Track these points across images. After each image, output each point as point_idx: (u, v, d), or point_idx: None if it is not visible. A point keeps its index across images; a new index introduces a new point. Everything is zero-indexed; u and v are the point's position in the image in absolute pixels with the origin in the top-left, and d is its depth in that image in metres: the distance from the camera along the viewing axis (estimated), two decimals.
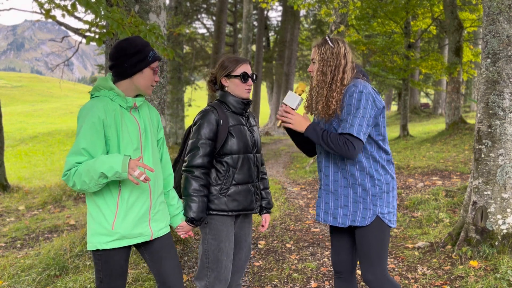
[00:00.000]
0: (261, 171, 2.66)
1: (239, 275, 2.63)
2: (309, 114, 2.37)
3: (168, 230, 2.26)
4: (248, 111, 2.56)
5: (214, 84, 2.56)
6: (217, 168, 2.42)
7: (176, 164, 2.57)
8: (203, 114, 2.41)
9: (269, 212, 2.70)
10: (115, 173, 1.89)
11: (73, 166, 1.95)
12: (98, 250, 2.06)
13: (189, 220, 2.33)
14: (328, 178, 2.30)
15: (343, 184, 2.25)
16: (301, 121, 2.24)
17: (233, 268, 2.59)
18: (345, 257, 2.40)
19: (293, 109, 2.27)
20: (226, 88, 2.48)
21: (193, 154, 2.37)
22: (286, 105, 2.27)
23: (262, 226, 2.70)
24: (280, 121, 2.29)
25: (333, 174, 2.28)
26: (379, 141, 2.21)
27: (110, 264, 2.07)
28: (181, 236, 2.42)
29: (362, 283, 3.57)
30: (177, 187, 2.48)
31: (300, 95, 2.31)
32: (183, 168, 2.40)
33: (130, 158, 1.93)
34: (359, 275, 3.62)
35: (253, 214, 2.75)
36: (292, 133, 2.43)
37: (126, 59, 2.05)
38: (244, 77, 2.45)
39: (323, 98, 2.21)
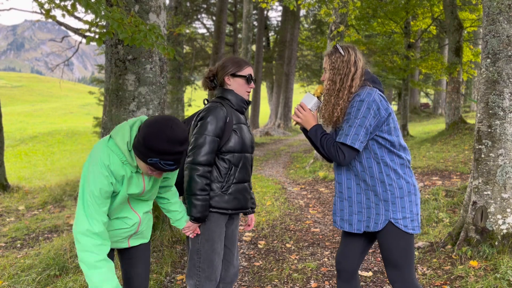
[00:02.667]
0: None
1: (236, 275, 2.64)
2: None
3: (146, 241, 2.29)
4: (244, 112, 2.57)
5: (211, 82, 2.53)
6: (218, 165, 2.38)
7: None
8: (212, 110, 2.36)
9: (254, 212, 2.72)
10: None
11: (92, 234, 1.88)
12: None
13: (194, 219, 2.33)
14: (341, 186, 2.31)
15: (356, 191, 2.26)
16: (310, 119, 2.26)
17: (231, 269, 2.59)
18: (350, 261, 2.40)
19: (310, 110, 2.30)
20: (228, 86, 2.47)
21: (199, 150, 2.31)
22: (303, 106, 2.29)
23: (248, 225, 2.71)
24: (295, 121, 2.32)
25: (345, 181, 2.29)
26: (388, 146, 2.20)
27: None
28: (190, 235, 2.41)
29: (362, 283, 3.58)
30: (177, 182, 2.45)
31: (318, 97, 2.32)
32: (186, 164, 2.35)
33: None
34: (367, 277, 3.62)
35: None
36: (309, 137, 2.43)
37: (139, 137, 1.88)
38: (249, 78, 2.47)
39: (330, 106, 2.22)
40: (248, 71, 2.47)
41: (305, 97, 2.32)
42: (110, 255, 2.14)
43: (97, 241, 1.88)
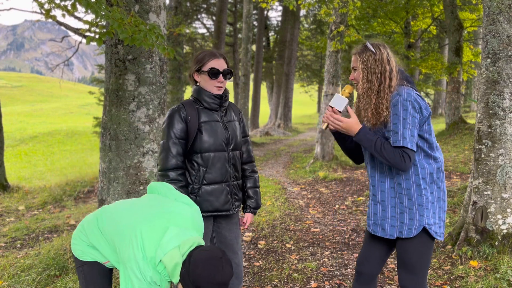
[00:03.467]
0: (246, 169, 2.54)
1: (239, 281, 2.51)
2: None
3: None
4: (225, 105, 2.41)
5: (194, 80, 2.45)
6: (187, 167, 2.32)
7: None
8: (170, 114, 2.30)
9: (253, 212, 2.55)
10: None
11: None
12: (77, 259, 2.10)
13: None
14: (375, 188, 2.25)
15: (390, 195, 2.19)
16: (353, 125, 2.16)
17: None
18: (372, 264, 2.34)
19: (339, 111, 2.22)
20: (198, 84, 2.38)
21: (165, 156, 2.26)
22: (333, 107, 2.22)
23: (244, 223, 2.53)
24: (326, 124, 2.23)
25: (379, 184, 2.23)
26: (425, 148, 2.14)
27: (93, 274, 2.09)
28: None
29: None
30: None
31: (347, 97, 2.25)
32: (158, 172, 2.30)
33: None
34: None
35: (241, 213, 2.66)
36: (339, 138, 2.34)
37: (189, 277, 1.73)
38: (211, 73, 2.31)
39: (372, 106, 2.15)
40: (211, 64, 2.31)
41: (335, 99, 2.23)
42: (108, 275, 2.11)
43: None
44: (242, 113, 2.59)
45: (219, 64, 2.33)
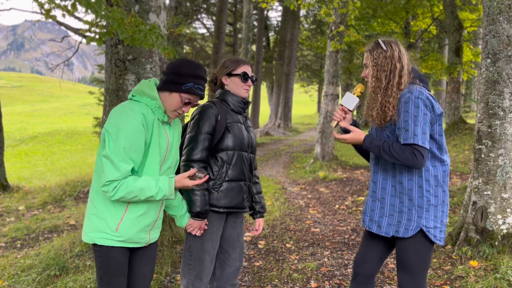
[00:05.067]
0: (254, 175, 2.68)
1: (234, 275, 2.62)
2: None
3: (158, 235, 2.27)
4: (246, 111, 2.59)
5: (215, 84, 2.61)
6: (211, 162, 2.44)
7: None
8: (202, 109, 2.43)
9: (262, 217, 2.73)
10: (163, 196, 1.97)
11: (121, 179, 1.91)
12: (96, 245, 2.05)
13: (195, 215, 2.33)
14: (376, 185, 2.24)
15: (390, 193, 2.18)
16: (358, 136, 2.16)
17: (227, 269, 2.58)
18: (369, 264, 2.33)
19: (350, 110, 2.25)
20: (226, 87, 2.53)
21: (191, 148, 2.38)
22: (343, 106, 2.25)
23: (256, 230, 2.71)
24: (336, 121, 2.27)
25: (381, 181, 2.21)
26: (434, 149, 2.11)
27: (110, 260, 2.06)
28: (197, 233, 2.39)
29: None
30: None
31: (358, 96, 2.26)
32: (182, 163, 2.40)
33: (173, 177, 1.99)
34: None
35: (245, 215, 2.73)
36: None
37: (168, 73, 2.07)
38: (244, 76, 2.50)
39: (378, 104, 2.13)
40: (243, 69, 2.51)
41: (346, 97, 2.25)
42: (122, 256, 2.10)
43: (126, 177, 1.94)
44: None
45: (248, 69, 2.55)
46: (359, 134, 2.17)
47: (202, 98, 2.12)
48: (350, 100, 2.24)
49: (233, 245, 2.58)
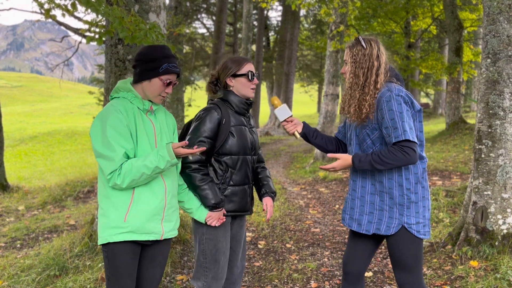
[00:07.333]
0: (258, 166, 2.66)
1: (241, 276, 2.63)
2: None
3: (175, 233, 2.27)
4: (250, 112, 2.56)
5: (215, 86, 2.54)
6: (215, 167, 2.41)
7: None
8: (206, 112, 2.39)
9: (271, 196, 2.58)
10: (167, 162, 2.00)
11: (118, 166, 1.99)
12: (107, 244, 2.07)
13: (212, 207, 2.34)
14: (355, 183, 2.25)
15: (370, 191, 2.20)
16: (345, 161, 2.15)
17: (235, 270, 2.59)
18: (357, 262, 2.35)
19: (284, 120, 2.40)
20: (230, 88, 2.47)
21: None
22: (282, 119, 2.42)
23: (264, 210, 2.55)
24: (294, 133, 2.41)
25: (361, 180, 2.23)
26: None
27: (117, 260, 2.07)
28: (217, 224, 2.38)
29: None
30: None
31: (276, 107, 2.42)
32: (182, 164, 2.40)
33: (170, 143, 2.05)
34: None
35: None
36: (305, 138, 2.45)
37: (140, 64, 2.12)
38: (250, 75, 2.45)
39: (355, 101, 2.15)
40: (247, 68, 2.45)
41: (280, 110, 2.41)
42: (130, 254, 2.11)
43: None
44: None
45: (252, 67, 2.50)
46: (345, 159, 2.15)
47: (179, 75, 2.18)
48: (285, 113, 2.41)
49: (237, 245, 2.59)
